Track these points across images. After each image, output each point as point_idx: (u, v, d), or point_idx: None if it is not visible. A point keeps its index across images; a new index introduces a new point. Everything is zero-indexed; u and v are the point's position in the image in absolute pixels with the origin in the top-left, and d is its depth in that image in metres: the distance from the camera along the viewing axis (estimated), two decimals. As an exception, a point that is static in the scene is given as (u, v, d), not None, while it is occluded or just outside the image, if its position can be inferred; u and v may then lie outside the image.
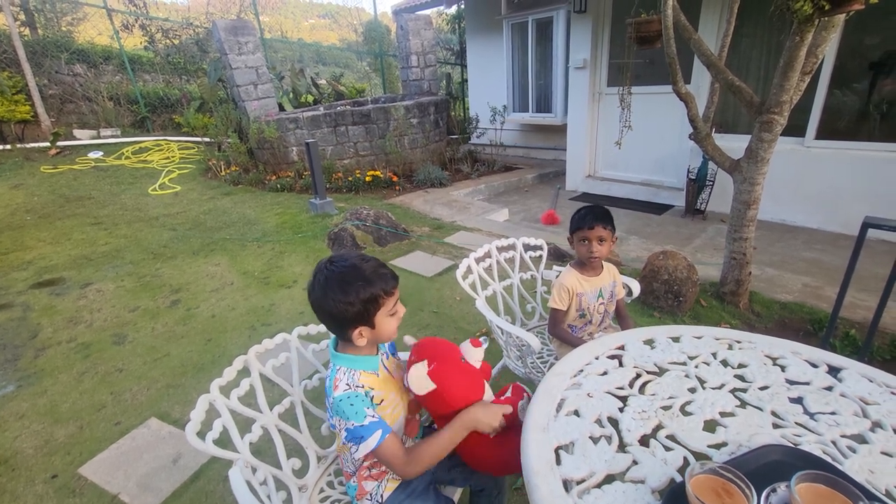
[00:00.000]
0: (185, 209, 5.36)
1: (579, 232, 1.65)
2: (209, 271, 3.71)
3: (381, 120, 6.59)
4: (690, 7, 4.61)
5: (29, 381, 2.48)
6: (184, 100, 8.84)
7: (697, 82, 4.75)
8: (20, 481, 1.86)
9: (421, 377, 1.00)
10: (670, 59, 2.55)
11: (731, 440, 0.90)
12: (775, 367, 1.11)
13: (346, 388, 0.99)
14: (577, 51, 5.79)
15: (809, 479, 0.70)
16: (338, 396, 0.98)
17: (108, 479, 1.84)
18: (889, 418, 0.93)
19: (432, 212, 5.26)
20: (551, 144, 8.05)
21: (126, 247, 4.28)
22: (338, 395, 0.99)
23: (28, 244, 4.40)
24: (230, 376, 1.21)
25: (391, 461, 0.98)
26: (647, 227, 4.91)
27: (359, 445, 0.96)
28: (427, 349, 1.08)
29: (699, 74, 4.73)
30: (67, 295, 3.39)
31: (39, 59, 8.12)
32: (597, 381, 1.10)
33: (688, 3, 4.55)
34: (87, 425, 2.14)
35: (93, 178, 6.42)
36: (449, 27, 12.76)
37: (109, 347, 2.75)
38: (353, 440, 0.96)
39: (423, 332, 2.77)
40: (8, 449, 2.02)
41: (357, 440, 0.96)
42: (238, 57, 6.18)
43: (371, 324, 1.03)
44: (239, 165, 6.64)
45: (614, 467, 0.86)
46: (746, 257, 2.82)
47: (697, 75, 4.77)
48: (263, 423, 1.26)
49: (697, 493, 0.71)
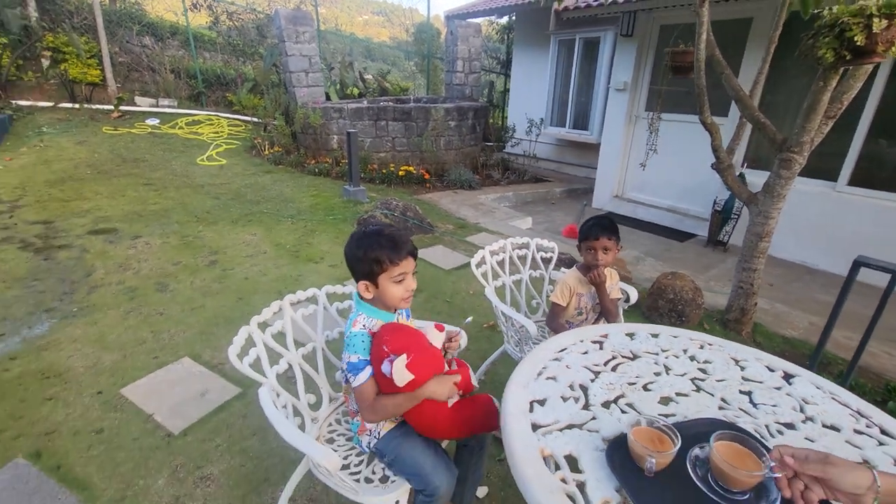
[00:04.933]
0: (229, 181, 5.72)
1: (586, 242, 1.82)
2: (245, 239, 4.00)
3: (421, 119, 6.84)
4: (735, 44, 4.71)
5: (82, 312, 2.79)
6: (238, 80, 9.33)
7: (734, 116, 4.81)
8: (71, 393, 2.14)
9: (403, 370, 1.11)
10: (699, 90, 2.68)
11: (679, 413, 1.06)
12: (737, 367, 1.25)
13: (361, 328, 1.21)
14: (619, 73, 5.91)
15: (726, 438, 0.86)
16: (353, 332, 1.20)
17: (145, 401, 2.10)
18: (822, 416, 1.07)
19: (458, 212, 5.45)
20: (584, 162, 8.15)
21: (173, 208, 4.63)
22: (354, 331, 1.21)
23: (87, 195, 4.81)
24: (267, 315, 1.44)
25: (362, 401, 1.19)
26: (667, 252, 4.99)
27: (355, 376, 1.18)
28: (401, 339, 1.18)
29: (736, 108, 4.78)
30: (119, 244, 3.73)
31: (114, 28, 8.73)
32: (577, 357, 1.27)
33: (733, 39, 4.66)
34: (130, 355, 2.42)
35: (148, 142, 6.88)
36: (498, 37, 12.98)
37: (153, 293, 3.05)
38: (352, 371, 1.19)
39: (435, 318, 2.96)
40: (62, 365, 2.31)
41: (355, 371, 1.18)
42: (294, 45, 6.54)
43: (375, 283, 1.23)
44: (282, 147, 7.00)
45: (576, 420, 1.03)
46: (753, 287, 2.91)
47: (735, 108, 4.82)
48: (289, 360, 1.48)
49: (636, 438, 0.88)
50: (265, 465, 1.80)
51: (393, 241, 1.21)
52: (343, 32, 19.06)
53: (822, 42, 1.92)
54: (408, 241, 1.26)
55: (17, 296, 2.94)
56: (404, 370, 1.09)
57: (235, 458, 1.83)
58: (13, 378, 2.21)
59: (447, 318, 2.99)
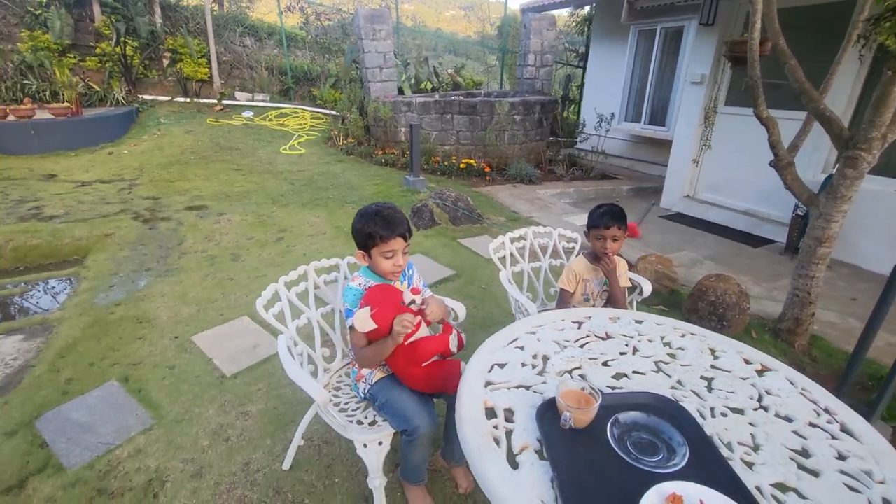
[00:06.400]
0: (304, 168, 6.28)
1: (596, 230, 1.86)
2: (310, 220, 4.43)
3: (486, 113, 6.94)
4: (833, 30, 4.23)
5: (172, 273, 3.32)
6: (322, 76, 10.07)
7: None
8: (155, 335, 2.60)
9: (365, 319, 1.29)
10: (753, 83, 2.52)
11: (628, 388, 1.12)
12: (710, 356, 1.26)
13: (357, 285, 1.41)
14: (695, 64, 5.56)
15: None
16: (349, 286, 1.42)
17: (209, 348, 2.50)
18: (780, 407, 1.06)
19: (513, 205, 5.51)
20: (659, 159, 7.73)
21: (254, 191, 5.22)
22: (350, 285, 1.41)
23: (188, 177, 5.57)
24: (293, 277, 1.69)
25: (354, 343, 1.42)
26: (735, 257, 4.66)
27: (348, 321, 1.39)
28: (375, 296, 1.38)
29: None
30: (207, 219, 4.32)
31: (220, 31, 9.85)
32: (551, 333, 1.36)
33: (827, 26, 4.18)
34: (202, 310, 2.86)
35: (242, 133, 7.73)
36: (577, 28, 12.60)
37: (227, 262, 3.53)
38: (347, 316, 1.41)
39: (468, 302, 3.09)
40: (152, 313, 2.81)
41: (348, 317, 1.40)
42: (371, 42, 6.95)
43: (369, 254, 1.43)
44: (355, 138, 7.49)
45: (527, 382, 1.14)
46: (810, 296, 2.69)
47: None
48: (309, 316, 1.72)
49: (561, 396, 0.97)
50: (294, 410, 2.08)
51: (386, 221, 1.39)
52: (427, 28, 19.55)
53: (883, 27, 1.76)
54: (401, 223, 1.42)
55: (128, 256, 3.57)
56: (368, 319, 1.27)
57: (271, 401, 2.13)
58: (115, 320, 2.73)
59: (479, 302, 3.12)
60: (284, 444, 1.86)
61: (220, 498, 1.66)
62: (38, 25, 8.02)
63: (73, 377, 2.24)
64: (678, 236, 5.31)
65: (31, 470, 1.74)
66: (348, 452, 1.83)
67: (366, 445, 1.39)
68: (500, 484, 0.85)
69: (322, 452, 1.85)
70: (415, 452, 1.44)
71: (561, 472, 0.86)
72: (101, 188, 5.08)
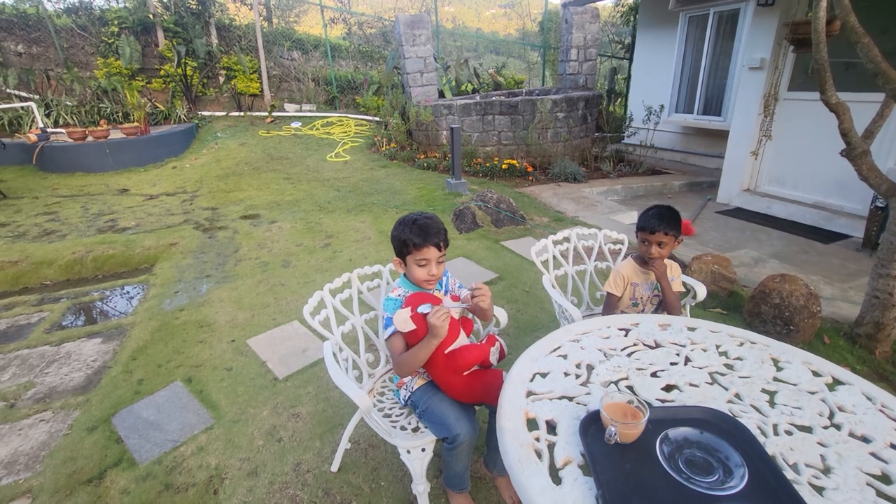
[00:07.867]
0: (350, 175, 6.46)
1: (642, 233, 1.77)
2: (355, 226, 4.54)
3: (528, 112, 6.85)
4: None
5: (229, 279, 3.52)
6: (365, 83, 10.32)
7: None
8: (214, 339, 2.76)
9: (405, 319, 1.31)
10: (819, 66, 2.32)
11: (680, 401, 1.05)
12: (772, 367, 1.17)
13: (396, 295, 1.42)
14: (753, 48, 5.20)
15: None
16: (389, 297, 1.43)
17: (262, 351, 2.62)
18: (855, 426, 0.96)
19: (558, 205, 5.39)
20: (714, 151, 7.31)
21: (303, 199, 5.43)
22: (391, 295, 1.43)
23: (242, 187, 5.89)
24: (337, 284, 1.73)
25: (391, 354, 1.42)
26: (803, 255, 4.32)
27: (385, 330, 1.41)
28: (416, 300, 1.40)
29: None
30: (260, 227, 4.54)
31: (270, 46, 10.33)
32: (596, 341, 1.31)
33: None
34: (256, 315, 3.00)
35: (291, 143, 8.07)
36: (623, 19, 12.15)
37: (279, 268, 3.69)
38: (386, 326, 1.42)
39: (511, 305, 3.07)
40: (211, 317, 2.98)
41: (387, 326, 1.41)
42: (411, 48, 7.05)
43: (405, 261, 1.45)
44: (397, 143, 7.62)
45: (570, 392, 1.10)
46: (893, 297, 2.43)
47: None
48: (353, 322, 1.76)
49: (605, 409, 0.93)
50: (342, 413, 2.14)
51: (420, 229, 1.39)
52: (467, 29, 19.58)
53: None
54: (436, 233, 1.41)
55: (190, 264, 3.81)
56: (407, 319, 1.29)
57: (320, 404, 2.20)
58: (180, 324, 2.93)
59: (523, 306, 3.07)
60: (333, 447, 1.92)
61: (274, 497, 1.73)
62: (111, 53, 8.78)
63: (143, 378, 2.43)
64: (738, 233, 4.98)
65: (108, 463, 1.90)
66: (394, 456, 1.86)
67: (409, 452, 1.41)
68: (542, 498, 0.83)
69: (368, 456, 1.89)
70: (456, 460, 1.44)
71: (606, 490, 0.83)
72: (166, 200, 5.47)
